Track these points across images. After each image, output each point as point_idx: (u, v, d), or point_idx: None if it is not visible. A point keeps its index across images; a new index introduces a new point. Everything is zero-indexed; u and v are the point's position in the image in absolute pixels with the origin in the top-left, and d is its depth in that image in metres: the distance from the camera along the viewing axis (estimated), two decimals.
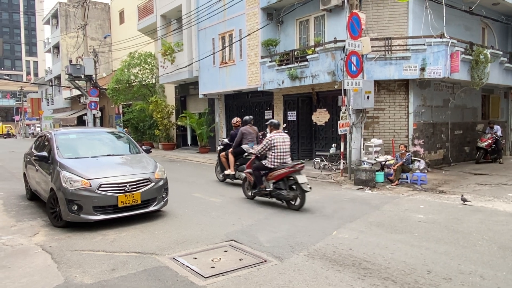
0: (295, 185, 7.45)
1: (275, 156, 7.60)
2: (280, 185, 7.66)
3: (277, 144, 7.59)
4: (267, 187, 7.81)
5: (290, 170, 7.44)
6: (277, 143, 7.60)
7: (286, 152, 7.69)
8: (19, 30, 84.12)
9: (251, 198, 8.49)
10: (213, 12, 16.61)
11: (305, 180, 7.37)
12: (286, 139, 7.77)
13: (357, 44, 10.42)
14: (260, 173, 7.88)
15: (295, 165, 7.48)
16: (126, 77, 23.36)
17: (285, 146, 7.69)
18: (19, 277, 4.36)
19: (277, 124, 7.97)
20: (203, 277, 4.27)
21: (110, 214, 6.26)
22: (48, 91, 47.27)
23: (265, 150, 7.74)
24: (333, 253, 4.96)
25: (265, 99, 16.80)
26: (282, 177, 7.57)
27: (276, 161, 7.62)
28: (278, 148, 7.59)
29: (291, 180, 7.50)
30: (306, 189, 7.28)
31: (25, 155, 9.08)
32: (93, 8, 35.13)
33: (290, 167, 7.46)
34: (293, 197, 7.49)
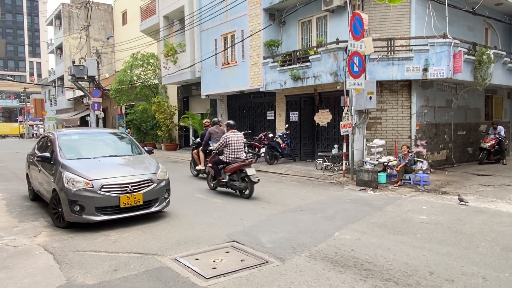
0: (246, 177, 8.53)
1: (230, 152, 8.81)
2: (234, 177, 8.82)
3: (231, 142, 8.79)
4: (223, 179, 8.97)
5: (241, 164, 8.62)
6: (231, 141, 8.80)
7: (239, 149, 8.89)
8: (22, 31, 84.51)
9: (213, 189, 9.58)
10: (215, 13, 16.62)
11: (254, 172, 8.54)
12: (240, 137, 8.99)
13: (360, 45, 10.40)
14: (218, 166, 9.02)
15: (246, 159, 8.73)
16: (128, 78, 23.43)
17: (238, 143, 8.88)
18: (21, 277, 4.38)
19: (232, 125, 9.16)
20: (204, 278, 4.27)
21: (112, 215, 6.27)
22: (51, 92, 47.48)
23: (221, 147, 8.89)
24: (335, 254, 4.95)
25: (268, 100, 16.80)
26: (235, 170, 8.70)
27: (231, 156, 8.81)
28: (233, 146, 8.79)
29: (243, 173, 8.58)
30: (254, 180, 8.46)
31: (28, 156, 9.12)
32: (96, 9, 35.24)
33: (241, 162, 8.66)
34: (244, 187, 8.64)
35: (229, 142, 8.78)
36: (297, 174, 12.20)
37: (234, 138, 8.84)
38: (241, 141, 8.97)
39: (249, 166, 8.62)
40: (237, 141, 8.85)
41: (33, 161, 8.36)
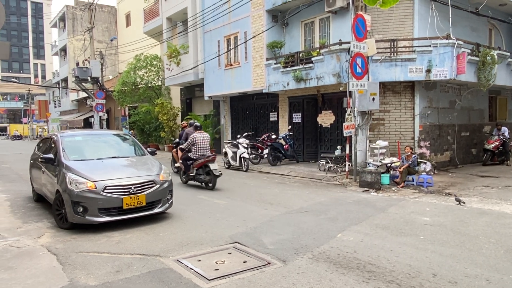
0: (210, 171, 9.84)
1: (197, 150, 10.20)
2: (200, 171, 10.15)
3: (197, 141, 10.19)
4: (192, 173, 10.28)
5: (206, 160, 9.98)
6: (197, 141, 10.20)
7: (205, 147, 10.28)
8: (27, 33, 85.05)
9: (184, 183, 10.82)
10: (218, 14, 16.66)
11: (216, 167, 9.91)
12: (206, 137, 10.41)
13: (362, 46, 10.39)
14: (187, 162, 10.36)
15: (209, 156, 10.08)
16: (132, 79, 23.50)
17: (204, 142, 10.28)
18: (24, 278, 4.40)
19: (198, 126, 10.66)
20: (206, 280, 4.27)
21: (115, 216, 6.29)
22: (56, 94, 47.72)
23: (190, 145, 10.25)
24: (338, 256, 4.93)
25: (270, 101, 16.81)
26: (201, 165, 10.05)
27: (197, 154, 10.19)
28: (199, 144, 10.19)
29: (207, 167, 9.90)
30: (217, 174, 9.84)
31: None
32: (99, 11, 35.42)
33: (206, 158, 10.03)
34: (208, 180, 9.93)
35: (195, 142, 10.16)
36: (300, 175, 12.19)
37: (201, 138, 10.24)
38: (206, 140, 10.35)
39: (213, 162, 9.95)
40: (203, 140, 10.24)
41: (34, 163, 8.43)
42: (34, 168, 8.47)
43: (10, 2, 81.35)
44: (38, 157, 8.08)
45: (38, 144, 9.22)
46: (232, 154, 14.13)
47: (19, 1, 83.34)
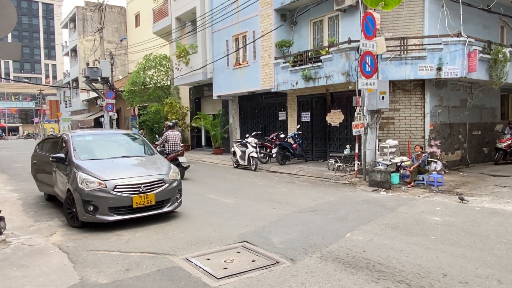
0: (179, 164, 11.26)
1: (169, 146, 11.93)
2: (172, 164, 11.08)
3: (169, 138, 11.95)
4: None
5: (176, 154, 11.73)
6: (169, 138, 11.95)
7: (176, 143, 11.99)
8: (38, 34, 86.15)
9: None
10: (227, 14, 16.68)
11: (184, 160, 11.70)
12: (177, 135, 12.15)
13: (372, 44, 10.31)
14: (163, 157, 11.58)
15: (179, 151, 11.87)
16: (141, 79, 23.66)
17: (175, 139, 12.00)
18: (36, 276, 4.46)
19: (172, 125, 12.67)
20: (215, 278, 4.29)
21: (125, 215, 6.34)
22: (66, 94, 48.25)
23: (163, 142, 12.06)
24: (347, 256, 4.91)
25: (279, 100, 16.79)
26: (172, 159, 11.30)
27: (170, 149, 11.89)
28: (171, 141, 11.94)
29: (177, 160, 11.41)
30: (184, 166, 11.53)
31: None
32: (109, 12, 35.71)
33: (176, 152, 11.79)
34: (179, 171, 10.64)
35: (168, 139, 11.93)
36: (309, 174, 12.15)
37: (172, 135, 12.00)
38: (178, 137, 12.08)
39: (182, 155, 11.78)
40: (174, 138, 11.99)
41: (39, 162, 8.58)
42: (41, 167, 8.52)
43: (22, 4, 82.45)
44: (43, 156, 8.21)
45: (38, 144, 9.42)
46: (241, 153, 14.14)
47: (30, 2, 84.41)
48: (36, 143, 9.64)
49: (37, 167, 8.84)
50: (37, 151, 9.11)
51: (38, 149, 9.15)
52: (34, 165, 9.02)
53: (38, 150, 9.08)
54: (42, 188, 8.68)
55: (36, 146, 9.33)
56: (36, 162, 8.89)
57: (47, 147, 8.70)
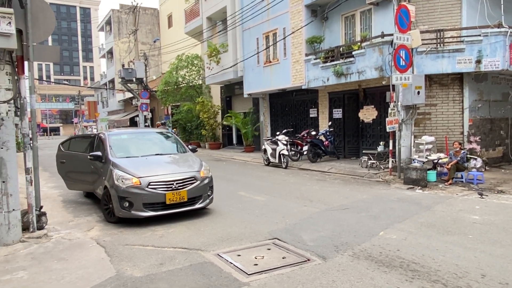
0: None
1: None
2: None
3: None
4: None
5: None
6: None
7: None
8: (76, 38, 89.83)
9: None
10: (257, 12, 16.70)
11: None
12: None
13: (406, 38, 10.02)
14: None
15: None
16: (174, 79, 24.13)
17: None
18: (75, 268, 4.66)
19: (163, 122, 13.26)
20: (246, 274, 4.32)
21: (159, 211, 6.50)
22: (103, 95, 50.02)
23: None
24: (380, 254, 4.80)
25: (310, 97, 16.64)
26: None
27: None
28: None
29: None
30: None
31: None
32: (143, 14, 36.62)
33: None
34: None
35: None
36: (341, 172, 11.97)
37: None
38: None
39: None
40: None
41: (69, 161, 8.59)
42: (72, 165, 8.55)
43: (61, 8, 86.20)
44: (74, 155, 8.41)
45: (62, 143, 9.23)
46: (272, 151, 14.13)
47: (69, 7, 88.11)
48: (59, 143, 9.45)
49: (67, 165, 8.73)
50: (63, 150, 8.99)
51: (63, 148, 9.04)
52: (63, 164, 8.84)
53: (64, 149, 9.00)
54: (74, 186, 8.75)
55: (61, 146, 9.15)
56: (65, 161, 8.75)
57: (77, 146, 8.83)
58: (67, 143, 9.21)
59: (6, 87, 5.43)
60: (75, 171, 8.52)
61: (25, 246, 5.47)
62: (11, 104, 5.52)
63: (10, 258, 5.03)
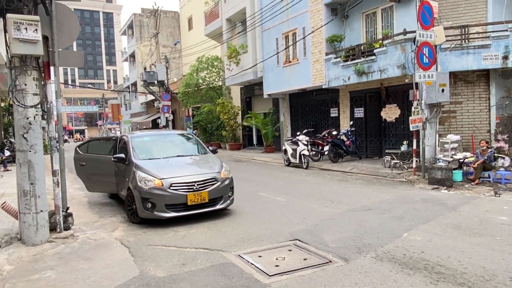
0: None
1: None
2: None
3: None
4: None
5: None
6: None
7: None
8: (100, 42, 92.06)
9: None
10: (276, 12, 16.69)
11: None
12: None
13: (429, 34, 9.81)
14: None
15: None
16: (195, 81, 24.38)
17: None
18: (101, 268, 4.77)
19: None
20: (267, 275, 4.31)
21: (180, 212, 6.58)
22: (126, 97, 50.98)
23: None
24: (403, 256, 4.71)
25: (331, 97, 16.49)
26: None
27: None
28: None
29: None
30: None
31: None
32: (164, 17, 37.15)
33: None
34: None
35: None
36: (363, 172, 11.81)
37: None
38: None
39: None
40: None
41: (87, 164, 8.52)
42: (93, 168, 8.50)
43: (85, 14, 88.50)
44: (95, 157, 8.47)
45: (79, 146, 9.00)
46: (292, 151, 14.08)
47: (92, 12, 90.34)
48: (76, 146, 9.17)
49: (87, 168, 8.55)
50: (81, 153, 8.77)
51: (81, 151, 8.84)
52: (82, 166, 8.61)
53: (83, 152, 8.82)
54: (95, 188, 8.72)
55: (78, 149, 8.86)
56: (84, 164, 8.56)
57: (96, 149, 8.88)
58: (84, 146, 9.06)
59: (34, 92, 5.61)
60: (96, 173, 8.50)
61: (52, 246, 5.64)
62: (38, 108, 5.70)
63: (39, 257, 5.19)
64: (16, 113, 5.58)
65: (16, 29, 5.15)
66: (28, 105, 5.53)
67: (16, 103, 5.50)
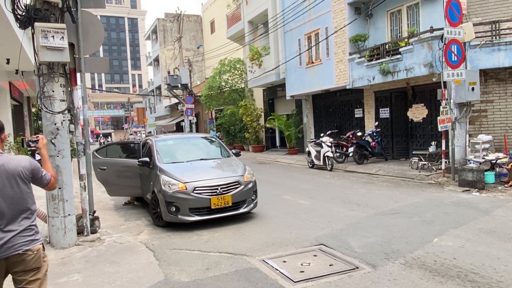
0: None
1: None
2: None
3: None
4: None
5: None
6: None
7: None
8: (125, 47, 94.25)
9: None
10: (298, 13, 16.56)
11: None
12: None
13: (458, 31, 9.47)
14: None
15: None
16: (217, 83, 24.53)
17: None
18: (126, 272, 4.80)
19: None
20: (292, 281, 4.23)
21: (204, 216, 6.58)
22: (151, 101, 51.92)
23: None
24: (434, 263, 4.52)
25: (355, 97, 16.21)
26: None
27: None
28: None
29: None
30: None
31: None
32: (187, 21, 37.61)
33: None
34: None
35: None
36: (389, 174, 11.52)
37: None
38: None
39: None
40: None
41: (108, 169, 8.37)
42: (116, 172, 8.42)
43: (111, 20, 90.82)
44: (118, 161, 8.48)
45: (97, 150, 8.80)
46: (316, 153, 13.90)
47: (118, 18, 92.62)
48: (94, 150, 8.59)
49: (108, 172, 8.37)
50: (100, 157, 8.55)
51: (100, 155, 8.64)
52: (103, 171, 8.38)
53: (102, 156, 8.64)
54: (117, 192, 8.62)
55: (96, 153, 8.56)
56: (105, 168, 8.36)
57: (116, 153, 8.90)
58: (103, 150, 8.94)
59: (61, 98, 5.73)
60: (119, 177, 8.38)
61: (79, 249, 5.74)
62: (66, 114, 5.81)
63: (67, 261, 5.29)
64: (44, 119, 5.71)
65: (44, 37, 5.27)
66: (55, 111, 5.65)
67: (44, 110, 5.64)
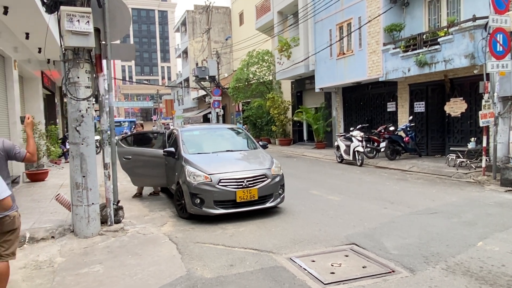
0: None
1: None
2: None
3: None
4: None
5: None
6: None
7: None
8: (155, 40, 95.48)
9: None
10: (329, 2, 16.00)
11: None
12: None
13: (504, 20, 8.80)
14: None
15: None
16: (245, 75, 24.26)
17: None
18: (148, 265, 4.63)
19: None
20: (322, 283, 3.92)
21: (229, 209, 6.35)
22: (179, 93, 52.32)
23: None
24: (480, 269, 4.10)
25: (388, 90, 15.55)
26: None
27: None
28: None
29: None
30: None
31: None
32: (215, 13, 37.46)
33: None
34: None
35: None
36: (424, 171, 10.94)
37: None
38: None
39: None
40: None
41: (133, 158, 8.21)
42: (141, 162, 8.21)
43: (141, 13, 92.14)
44: (142, 151, 8.29)
45: (120, 139, 8.68)
46: (345, 147, 13.42)
47: (148, 11, 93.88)
48: (118, 139, 8.46)
49: (134, 161, 8.22)
50: (124, 146, 8.46)
51: (125, 144, 8.56)
52: (128, 160, 8.25)
53: (126, 145, 8.57)
54: (141, 181, 8.53)
55: (120, 142, 8.45)
56: (130, 158, 8.23)
57: (141, 143, 8.79)
58: (128, 139, 8.87)
59: (86, 84, 5.61)
60: (144, 167, 8.21)
61: (103, 239, 5.64)
62: (91, 101, 5.70)
63: (89, 250, 5.19)
64: (69, 106, 5.62)
65: (69, 21, 5.14)
66: (80, 98, 5.54)
67: (69, 96, 5.53)
